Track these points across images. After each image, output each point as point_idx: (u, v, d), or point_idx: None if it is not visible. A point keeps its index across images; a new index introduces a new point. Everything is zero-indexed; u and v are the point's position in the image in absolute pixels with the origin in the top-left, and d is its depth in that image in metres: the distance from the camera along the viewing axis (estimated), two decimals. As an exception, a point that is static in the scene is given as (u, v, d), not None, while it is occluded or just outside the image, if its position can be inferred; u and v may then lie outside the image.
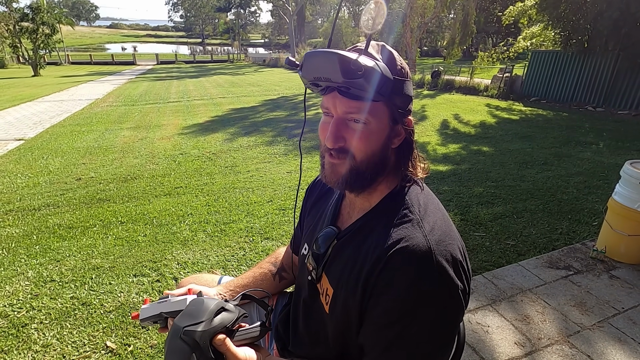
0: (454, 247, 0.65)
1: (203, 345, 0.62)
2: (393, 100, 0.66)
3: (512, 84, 11.43)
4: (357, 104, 0.64)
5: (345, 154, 0.68)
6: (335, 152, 0.68)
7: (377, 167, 0.70)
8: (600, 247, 2.52)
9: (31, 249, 2.76)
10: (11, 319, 2.03)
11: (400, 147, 0.72)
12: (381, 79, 0.62)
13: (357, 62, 0.59)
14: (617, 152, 5.31)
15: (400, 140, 0.71)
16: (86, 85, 15.98)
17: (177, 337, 0.62)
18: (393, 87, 0.64)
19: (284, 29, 73.83)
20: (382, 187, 0.74)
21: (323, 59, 0.62)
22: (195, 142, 6.00)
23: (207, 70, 25.63)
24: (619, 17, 7.92)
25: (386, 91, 0.63)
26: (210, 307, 0.66)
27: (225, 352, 0.64)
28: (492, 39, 35.30)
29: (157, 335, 1.89)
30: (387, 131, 0.68)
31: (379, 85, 0.62)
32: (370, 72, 0.60)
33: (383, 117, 0.67)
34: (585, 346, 1.77)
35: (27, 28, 23.70)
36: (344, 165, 0.69)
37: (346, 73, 0.59)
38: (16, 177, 4.43)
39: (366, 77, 0.60)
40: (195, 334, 0.62)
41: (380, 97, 0.64)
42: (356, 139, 0.66)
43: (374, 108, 0.65)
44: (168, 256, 2.65)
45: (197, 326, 0.63)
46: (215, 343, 0.64)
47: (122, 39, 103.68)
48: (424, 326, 0.60)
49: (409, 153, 0.73)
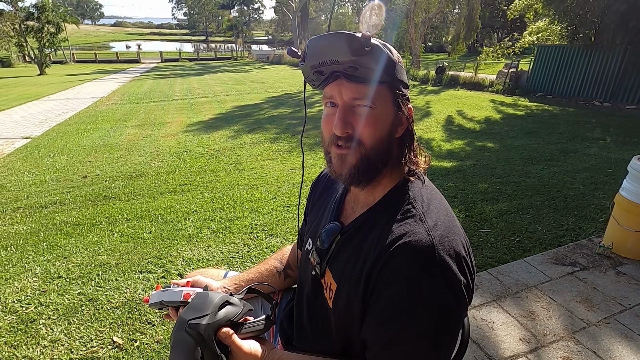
0: (457, 242, 0.64)
1: (207, 338, 0.62)
2: (395, 83, 0.67)
3: (518, 80, 11.31)
4: (363, 88, 0.64)
5: (353, 142, 0.67)
6: (344, 141, 0.67)
7: (384, 155, 0.69)
8: (607, 243, 2.50)
9: (39, 246, 2.80)
10: (20, 314, 2.06)
11: (403, 137, 0.72)
12: (387, 57, 0.64)
13: (365, 36, 0.60)
14: (624, 148, 5.25)
15: (403, 130, 0.71)
16: (91, 84, 16.08)
17: (182, 330, 0.63)
18: (395, 69, 0.66)
19: (287, 25, 73.65)
20: (385, 181, 0.73)
21: (330, 40, 0.63)
22: (199, 140, 6.02)
23: (211, 68, 25.66)
24: (626, 10, 7.80)
25: (390, 72, 0.64)
26: (215, 300, 0.67)
27: (230, 344, 0.65)
28: (498, 34, 34.96)
29: (163, 331, 1.91)
30: (392, 117, 0.68)
31: (386, 64, 0.63)
32: (377, 48, 0.62)
33: (388, 101, 0.67)
34: (591, 342, 1.76)
35: (33, 27, 23.86)
36: (353, 154, 0.68)
37: (354, 50, 0.60)
38: (23, 174, 4.48)
39: (374, 54, 0.62)
40: (200, 326, 0.62)
41: (386, 77, 0.64)
42: (364, 124, 0.66)
43: (379, 91, 0.65)
44: (173, 253, 2.67)
45: (202, 319, 0.63)
46: (220, 336, 0.64)
47: (126, 37, 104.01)
48: (425, 322, 0.60)
49: (411, 143, 0.73)
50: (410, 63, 16.89)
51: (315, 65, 0.65)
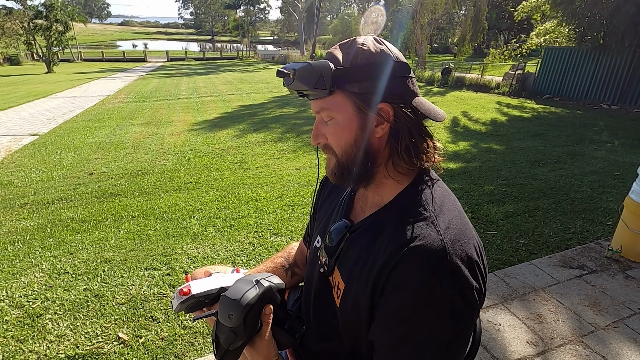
0: (469, 246, 0.63)
1: (267, 296, 0.67)
2: (349, 89, 0.66)
3: (524, 82, 11.24)
4: (318, 103, 0.69)
5: (330, 150, 0.73)
6: (322, 148, 0.74)
7: (356, 159, 0.69)
8: (616, 246, 2.47)
9: (45, 242, 2.81)
10: (26, 309, 2.07)
11: (390, 136, 0.69)
12: (314, 74, 0.65)
13: (282, 70, 0.67)
14: (633, 151, 5.19)
15: (384, 130, 0.68)
16: (98, 82, 16.20)
17: (248, 282, 0.66)
18: (343, 76, 0.65)
19: (293, 26, 73.79)
20: (389, 181, 0.71)
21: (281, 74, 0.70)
22: (204, 139, 6.04)
23: (217, 67, 25.76)
24: (636, 12, 7.73)
25: (336, 81, 0.65)
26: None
27: (267, 324, 0.68)
28: (504, 36, 34.76)
29: (168, 328, 1.91)
30: (357, 121, 0.67)
31: (315, 80, 0.65)
32: (299, 72, 0.66)
33: (347, 109, 0.67)
34: (600, 346, 1.74)
35: (41, 25, 24.09)
36: (331, 160, 0.74)
37: (287, 81, 0.68)
38: (30, 171, 4.51)
39: (299, 78, 0.65)
40: (266, 283, 0.67)
41: (334, 87, 0.65)
42: (330, 134, 0.71)
43: (332, 101, 0.67)
44: (178, 250, 2.67)
45: (264, 281, 0.68)
46: (265, 311, 0.67)
47: (133, 36, 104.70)
48: (435, 326, 0.59)
49: (399, 142, 0.69)
50: (416, 64, 16.84)
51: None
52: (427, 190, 0.70)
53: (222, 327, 0.63)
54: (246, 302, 0.63)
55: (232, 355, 0.65)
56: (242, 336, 0.64)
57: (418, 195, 0.69)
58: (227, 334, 0.63)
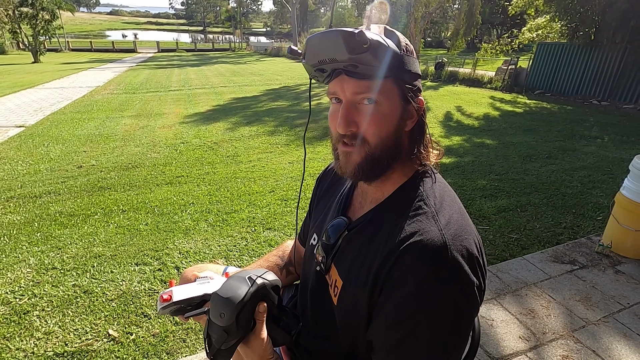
0: (470, 241, 0.62)
1: (260, 293, 0.64)
2: (402, 76, 0.63)
3: (517, 77, 11.31)
4: (365, 83, 0.61)
5: (358, 140, 0.65)
6: (349, 139, 0.65)
7: (392, 152, 0.66)
8: (606, 242, 2.50)
9: (32, 236, 2.75)
10: (13, 305, 2.02)
11: (413, 130, 0.68)
12: (388, 52, 0.59)
13: (361, 34, 0.55)
14: (622, 147, 5.26)
15: (413, 123, 0.68)
16: (87, 73, 15.86)
17: (240, 280, 0.64)
18: (401, 62, 0.61)
19: (286, 18, 72.99)
20: (395, 176, 0.70)
21: (325, 38, 0.60)
22: (196, 131, 5.96)
23: (209, 59, 25.40)
24: (627, 9, 7.79)
25: (394, 66, 0.60)
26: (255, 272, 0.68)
27: (261, 321, 0.66)
28: (497, 31, 34.88)
29: (159, 324, 1.88)
30: (400, 111, 0.65)
31: (387, 59, 0.59)
32: (376, 45, 0.57)
33: (394, 96, 0.63)
34: (591, 341, 1.76)
35: (27, 13, 23.44)
36: (359, 152, 0.65)
37: (351, 49, 0.56)
38: (17, 164, 4.40)
39: (372, 51, 0.57)
40: (259, 280, 0.65)
41: (389, 73, 0.60)
42: (368, 122, 0.63)
43: (383, 86, 0.61)
44: (170, 245, 2.63)
45: (258, 279, 0.65)
46: (259, 309, 0.65)
47: (122, 25, 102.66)
48: (436, 325, 0.58)
49: (422, 137, 0.69)
50: (410, 58, 16.78)
51: (316, 64, 0.63)
52: (427, 185, 0.69)
53: (214, 326, 0.61)
54: (238, 300, 0.61)
55: (225, 354, 0.63)
56: (234, 335, 0.62)
57: (417, 189, 0.68)
58: (219, 333, 0.61)
